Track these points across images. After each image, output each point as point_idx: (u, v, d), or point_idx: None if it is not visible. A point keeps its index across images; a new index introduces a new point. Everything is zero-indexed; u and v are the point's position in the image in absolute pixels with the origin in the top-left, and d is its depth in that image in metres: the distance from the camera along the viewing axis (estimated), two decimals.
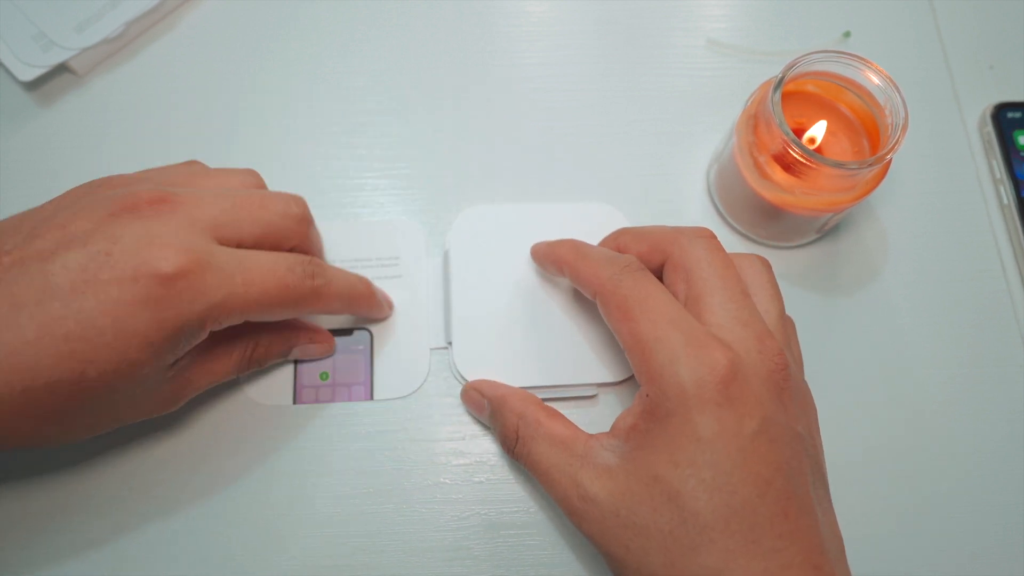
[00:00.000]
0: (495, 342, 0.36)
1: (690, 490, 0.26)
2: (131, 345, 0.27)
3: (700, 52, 0.43)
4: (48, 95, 0.41)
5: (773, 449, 0.26)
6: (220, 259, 0.28)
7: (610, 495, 0.28)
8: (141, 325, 0.27)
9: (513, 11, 0.44)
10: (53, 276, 0.26)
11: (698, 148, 0.41)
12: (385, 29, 0.43)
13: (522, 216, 0.38)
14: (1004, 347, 0.38)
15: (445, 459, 0.35)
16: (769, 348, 0.28)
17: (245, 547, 0.33)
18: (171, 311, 0.27)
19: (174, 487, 0.34)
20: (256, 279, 0.29)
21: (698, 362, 0.26)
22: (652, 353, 0.27)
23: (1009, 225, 0.40)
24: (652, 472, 0.27)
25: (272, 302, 0.30)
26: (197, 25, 0.43)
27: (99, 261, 0.27)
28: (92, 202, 0.28)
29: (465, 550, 0.33)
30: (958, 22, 0.44)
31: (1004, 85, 0.43)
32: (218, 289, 0.28)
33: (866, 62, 0.34)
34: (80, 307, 0.26)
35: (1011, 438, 0.36)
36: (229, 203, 0.30)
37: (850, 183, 0.34)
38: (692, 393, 0.26)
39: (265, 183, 0.33)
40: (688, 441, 0.26)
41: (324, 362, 0.36)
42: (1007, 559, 0.34)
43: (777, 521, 0.25)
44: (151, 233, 0.27)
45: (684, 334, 0.27)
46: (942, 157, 0.41)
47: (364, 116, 0.41)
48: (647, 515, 0.27)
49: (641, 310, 0.28)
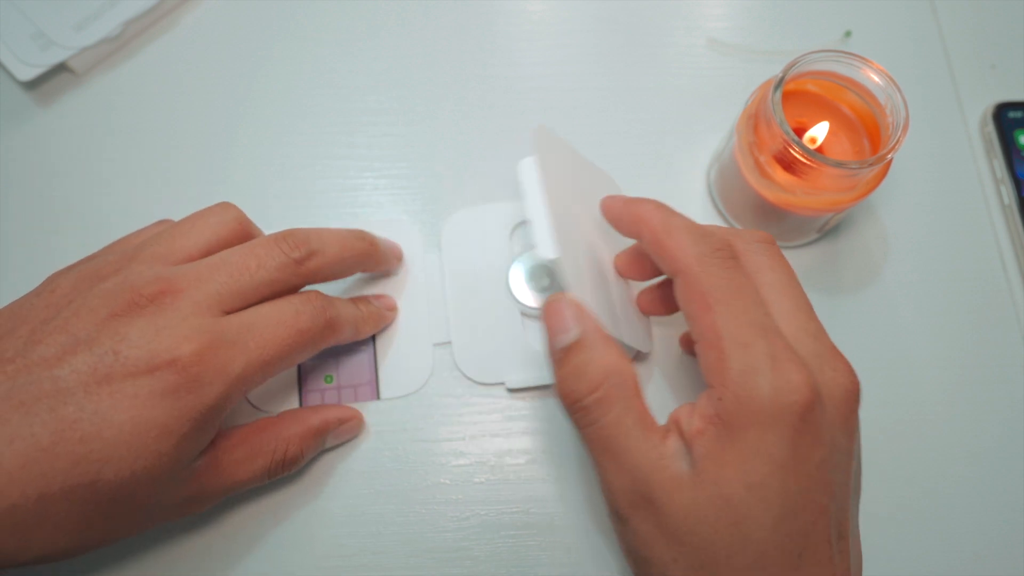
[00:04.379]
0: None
1: (757, 516, 0.24)
2: (150, 438, 0.26)
3: (701, 51, 0.43)
4: (47, 94, 0.41)
5: (833, 477, 0.26)
6: (231, 332, 0.28)
7: (674, 508, 0.25)
8: (160, 416, 0.26)
9: (513, 11, 0.44)
10: (63, 381, 0.26)
11: (698, 147, 0.41)
12: (385, 29, 0.43)
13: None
14: (1005, 347, 0.38)
15: (445, 459, 0.35)
16: (843, 368, 0.27)
17: (245, 547, 0.33)
18: (191, 397, 0.27)
19: None
20: (270, 337, 0.29)
21: (782, 382, 0.25)
22: (730, 356, 0.25)
23: (1010, 225, 0.40)
24: (723, 492, 0.25)
25: (291, 352, 0.29)
26: (197, 24, 0.43)
27: (108, 361, 0.26)
28: (90, 300, 0.28)
29: (465, 551, 0.33)
30: (959, 21, 0.44)
31: (1005, 84, 0.43)
32: (235, 362, 0.28)
33: (867, 61, 0.34)
34: (95, 408, 0.25)
35: (1011, 438, 0.36)
36: (226, 274, 0.29)
37: (851, 183, 0.33)
38: (770, 412, 0.24)
39: (243, 214, 0.32)
40: (762, 463, 0.24)
41: (328, 364, 0.36)
42: (1008, 559, 0.34)
43: (823, 547, 0.25)
44: (157, 326, 0.27)
45: (770, 346, 0.25)
46: (943, 157, 0.41)
47: (364, 116, 0.41)
48: (706, 536, 0.25)
49: (727, 305, 0.26)
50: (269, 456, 0.31)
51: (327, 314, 0.31)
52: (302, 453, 0.32)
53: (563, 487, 0.34)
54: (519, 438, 0.35)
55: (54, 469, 0.25)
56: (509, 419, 0.36)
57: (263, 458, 0.31)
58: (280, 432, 0.32)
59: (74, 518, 0.26)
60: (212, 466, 0.29)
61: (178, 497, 0.29)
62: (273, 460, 0.31)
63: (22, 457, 0.25)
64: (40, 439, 0.25)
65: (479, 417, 0.36)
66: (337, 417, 0.34)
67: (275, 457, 0.31)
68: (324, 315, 0.31)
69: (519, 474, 0.35)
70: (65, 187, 0.39)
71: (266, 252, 0.30)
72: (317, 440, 0.33)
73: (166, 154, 0.40)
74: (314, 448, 0.33)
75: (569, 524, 0.34)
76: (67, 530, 0.26)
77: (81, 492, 0.25)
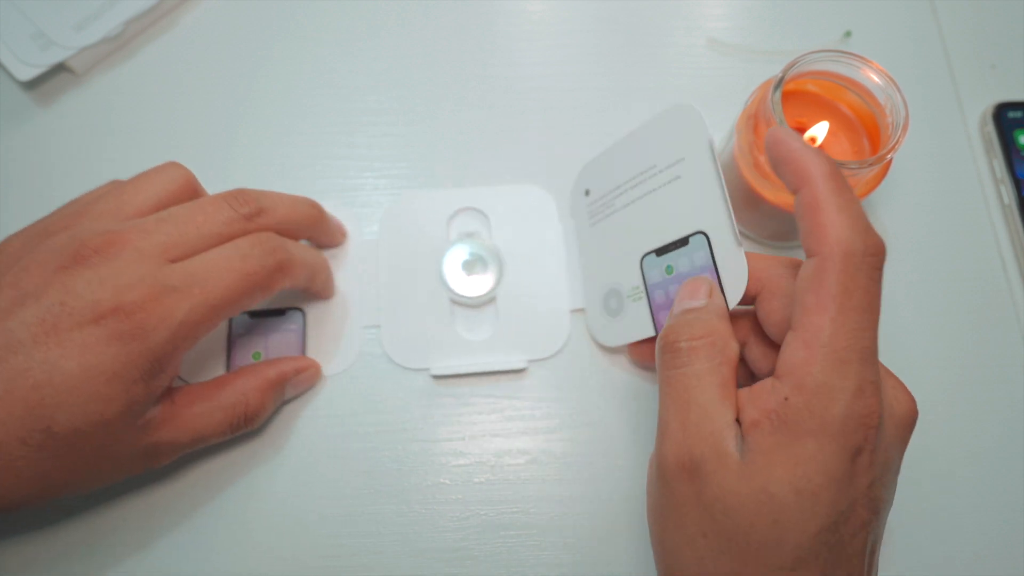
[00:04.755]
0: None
1: (800, 522, 0.24)
2: (99, 384, 0.27)
3: (701, 51, 0.43)
4: (47, 94, 0.41)
5: (882, 495, 0.26)
6: (174, 279, 0.28)
7: (717, 485, 0.25)
8: (108, 362, 0.27)
9: (513, 11, 0.44)
10: (12, 333, 0.27)
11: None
12: (385, 29, 0.43)
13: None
14: (1005, 347, 0.38)
15: (445, 459, 0.35)
16: (903, 395, 0.27)
17: (245, 547, 0.33)
18: (135, 343, 0.27)
19: (173, 489, 0.34)
20: (215, 282, 0.29)
21: (860, 407, 0.24)
22: (821, 365, 0.24)
23: (1010, 225, 0.40)
24: (768, 488, 0.24)
25: (240, 295, 0.30)
26: (196, 24, 0.43)
27: (56, 311, 0.27)
28: (39, 256, 0.28)
29: (465, 550, 0.33)
30: (959, 21, 0.44)
31: (1005, 84, 0.43)
32: (178, 308, 0.28)
33: (866, 61, 0.33)
34: (44, 357, 0.26)
35: (1011, 438, 0.36)
36: (171, 226, 0.29)
37: (850, 183, 0.33)
38: (838, 427, 0.24)
39: (191, 173, 0.32)
40: (817, 473, 0.24)
41: (256, 341, 0.36)
42: (1008, 559, 0.34)
43: (855, 560, 0.25)
44: (101, 276, 0.27)
45: (862, 377, 0.25)
46: (943, 157, 0.41)
47: (364, 116, 0.41)
48: (741, 524, 0.25)
49: (847, 316, 0.25)
50: (229, 410, 0.32)
51: (277, 256, 0.31)
52: (262, 405, 0.33)
53: (563, 487, 0.34)
54: (519, 438, 0.35)
55: (10, 416, 0.26)
56: (509, 419, 0.36)
57: (222, 412, 0.32)
58: (238, 386, 0.32)
59: (31, 466, 0.26)
60: (169, 417, 0.30)
61: (135, 448, 0.29)
62: (234, 414, 0.32)
63: None
64: None
65: (479, 417, 0.36)
66: (294, 367, 0.34)
67: (236, 411, 0.32)
68: (274, 257, 0.31)
69: (519, 474, 0.35)
70: (65, 187, 0.39)
71: (214, 207, 0.30)
72: (276, 391, 0.34)
73: (166, 154, 0.39)
74: (274, 400, 0.34)
75: (569, 524, 0.34)
76: (25, 478, 0.27)
77: (36, 439, 0.26)
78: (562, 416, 0.36)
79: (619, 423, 0.35)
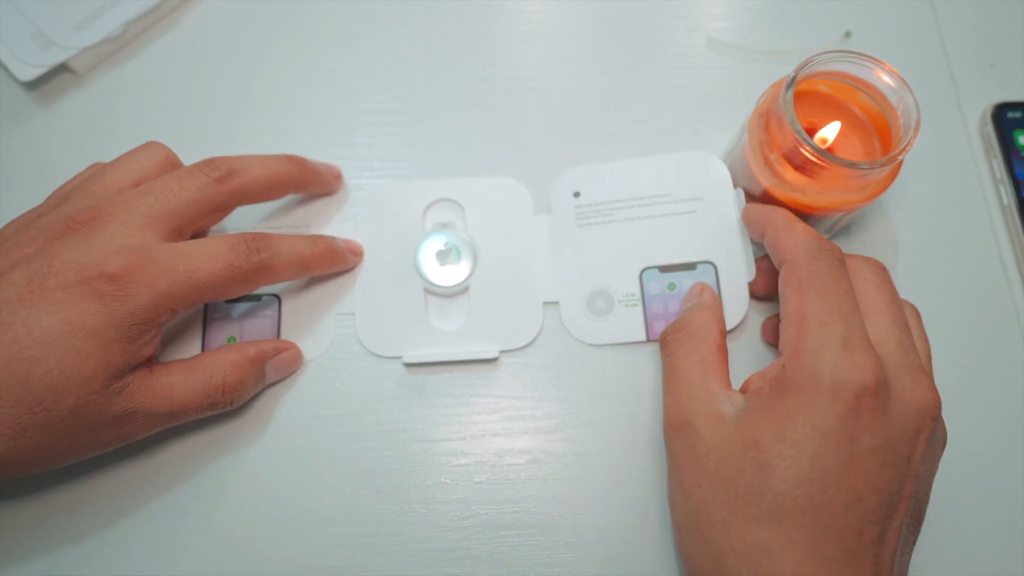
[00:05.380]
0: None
1: (783, 469, 0.26)
2: (77, 339, 0.27)
3: (701, 51, 0.43)
4: (48, 95, 0.41)
5: (881, 473, 0.26)
6: (161, 254, 0.30)
7: (709, 437, 0.28)
8: (88, 319, 0.28)
9: (513, 11, 0.44)
10: (0, 293, 0.27)
11: (698, 147, 0.41)
12: (385, 29, 0.43)
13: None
14: (1004, 347, 0.38)
15: (445, 459, 0.35)
16: (924, 385, 0.28)
17: (244, 547, 0.33)
18: (116, 304, 0.28)
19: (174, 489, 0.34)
20: (200, 265, 0.30)
21: (848, 362, 0.26)
22: (808, 333, 0.28)
23: (1009, 225, 0.40)
24: (754, 436, 0.27)
25: (220, 282, 0.31)
26: (197, 25, 0.43)
27: (43, 273, 0.28)
28: (28, 232, 0.30)
29: (465, 550, 0.33)
30: (959, 21, 0.44)
31: (1005, 85, 0.43)
32: (162, 279, 0.29)
33: (879, 63, 0.34)
34: (28, 313, 0.27)
35: (1011, 438, 0.36)
36: (152, 197, 0.31)
37: (861, 183, 0.33)
38: (827, 384, 0.26)
39: (170, 150, 0.34)
40: (803, 423, 0.26)
41: (231, 325, 0.36)
42: (1008, 559, 0.34)
43: (849, 535, 0.26)
44: (89, 245, 0.29)
45: (847, 330, 0.27)
46: (942, 157, 0.41)
47: (364, 116, 0.41)
48: (731, 470, 0.27)
49: (819, 291, 0.28)
50: (207, 381, 0.32)
51: (261, 255, 0.32)
52: (240, 381, 0.33)
53: (563, 487, 0.34)
54: (519, 438, 0.35)
55: None
56: (509, 419, 0.36)
57: (200, 383, 0.32)
58: (215, 359, 0.33)
59: (8, 423, 0.27)
60: (145, 385, 0.30)
61: (109, 413, 0.29)
62: (211, 385, 0.32)
63: None
64: None
65: (479, 417, 0.36)
66: (273, 347, 0.35)
67: (213, 382, 0.32)
68: (259, 255, 0.32)
69: (519, 474, 0.35)
70: None
71: (187, 175, 0.32)
72: (255, 368, 0.34)
73: None
74: (253, 377, 0.34)
75: (569, 524, 0.34)
76: (2, 435, 0.27)
77: (13, 393, 0.27)
78: (562, 416, 0.36)
79: (619, 423, 0.35)
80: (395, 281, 0.37)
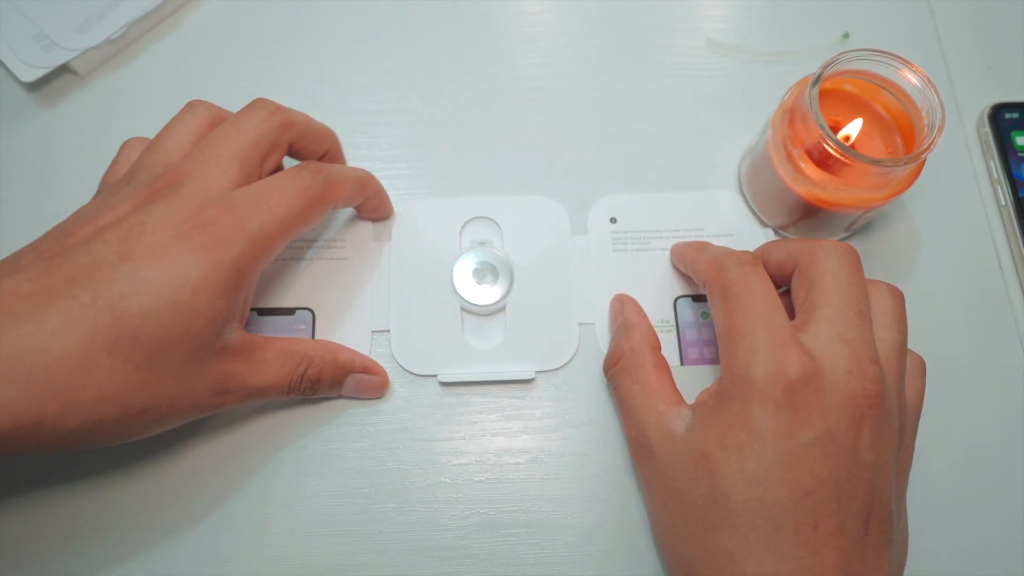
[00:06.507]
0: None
1: (730, 475, 0.27)
2: (184, 293, 0.27)
3: (700, 52, 0.43)
4: (50, 96, 0.41)
5: (824, 463, 0.26)
6: (243, 197, 0.30)
7: (664, 455, 0.30)
8: (193, 272, 0.27)
9: (513, 11, 0.44)
10: (97, 252, 0.27)
11: (698, 147, 0.41)
12: (385, 30, 0.43)
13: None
14: (1002, 347, 0.38)
15: (445, 458, 0.35)
16: (862, 371, 0.27)
17: (244, 547, 0.33)
18: (217, 252, 0.28)
19: (172, 488, 0.34)
20: (278, 197, 0.30)
21: (773, 360, 0.27)
22: (736, 343, 0.28)
23: (1007, 225, 0.40)
24: (702, 447, 0.28)
25: (300, 208, 0.31)
26: (199, 26, 0.43)
27: (137, 231, 0.28)
28: (108, 202, 0.30)
29: (465, 550, 0.34)
30: (956, 22, 0.44)
31: (1002, 86, 0.43)
32: (251, 220, 0.29)
33: (906, 62, 0.34)
34: (131, 267, 0.27)
35: (1010, 438, 0.36)
36: (216, 146, 0.31)
37: (882, 181, 0.34)
38: (758, 387, 0.27)
39: (213, 104, 0.34)
40: (741, 429, 0.27)
41: None
42: (1008, 559, 0.34)
43: (803, 530, 0.26)
44: (174, 203, 0.29)
45: (769, 332, 0.28)
46: (940, 157, 0.41)
47: (364, 116, 0.41)
48: (686, 484, 0.28)
49: (738, 301, 0.29)
50: (295, 366, 0.32)
51: (323, 173, 0.32)
52: (320, 377, 0.33)
53: (563, 486, 0.35)
54: (519, 438, 0.35)
55: (96, 323, 0.26)
56: (509, 419, 0.36)
57: (289, 366, 0.32)
58: (310, 348, 0.33)
59: (114, 379, 0.26)
60: (246, 348, 0.30)
61: (211, 375, 0.29)
62: (296, 372, 0.32)
63: (63, 317, 0.26)
64: (80, 298, 0.26)
65: (479, 416, 0.36)
66: (363, 364, 0.35)
67: (298, 369, 0.32)
68: (321, 174, 0.32)
69: (519, 473, 0.35)
70: (68, 188, 0.39)
71: (240, 117, 0.32)
72: (338, 373, 0.34)
73: None
74: (331, 380, 0.34)
75: (569, 523, 0.34)
76: (110, 395, 0.26)
77: (124, 348, 0.26)
78: (562, 416, 0.36)
79: (619, 423, 0.36)
80: (431, 299, 0.37)
